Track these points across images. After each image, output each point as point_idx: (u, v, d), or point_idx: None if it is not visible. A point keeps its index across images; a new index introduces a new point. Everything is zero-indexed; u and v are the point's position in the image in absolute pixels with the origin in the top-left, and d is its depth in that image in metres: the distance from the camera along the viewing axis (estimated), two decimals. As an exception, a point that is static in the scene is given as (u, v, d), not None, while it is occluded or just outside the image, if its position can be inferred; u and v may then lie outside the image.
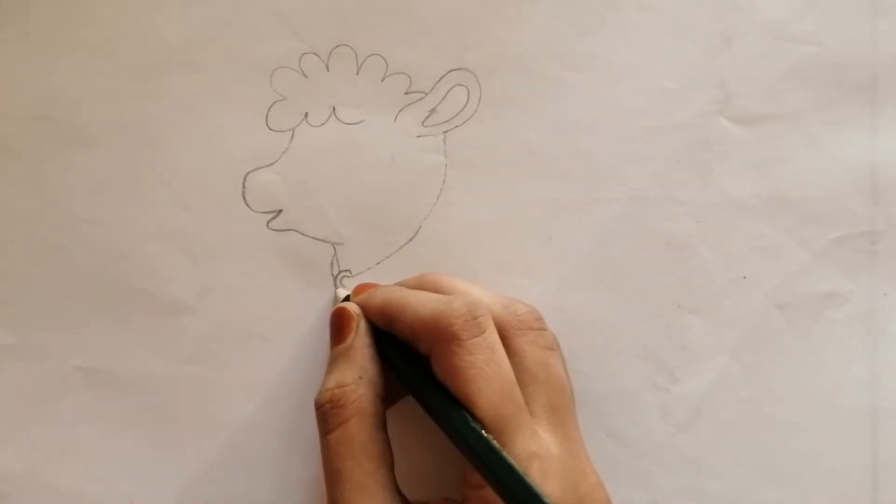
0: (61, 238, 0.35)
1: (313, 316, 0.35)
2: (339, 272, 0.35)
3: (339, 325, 0.32)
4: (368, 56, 0.35)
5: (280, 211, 0.35)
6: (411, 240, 0.35)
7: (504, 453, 0.27)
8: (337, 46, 0.35)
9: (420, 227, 0.36)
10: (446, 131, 0.36)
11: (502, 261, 0.36)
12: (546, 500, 0.26)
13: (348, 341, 0.32)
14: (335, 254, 0.35)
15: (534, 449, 0.28)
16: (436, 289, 0.32)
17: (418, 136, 0.36)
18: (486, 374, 0.29)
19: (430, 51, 0.35)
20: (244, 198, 0.35)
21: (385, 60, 0.35)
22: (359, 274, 0.35)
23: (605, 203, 0.36)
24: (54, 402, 0.35)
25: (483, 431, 0.28)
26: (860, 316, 0.36)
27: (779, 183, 0.36)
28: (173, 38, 0.35)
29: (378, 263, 0.35)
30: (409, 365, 0.31)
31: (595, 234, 0.36)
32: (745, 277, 0.36)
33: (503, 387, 0.29)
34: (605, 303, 0.36)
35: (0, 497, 0.35)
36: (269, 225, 0.35)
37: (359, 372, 0.31)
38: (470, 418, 0.28)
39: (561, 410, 0.30)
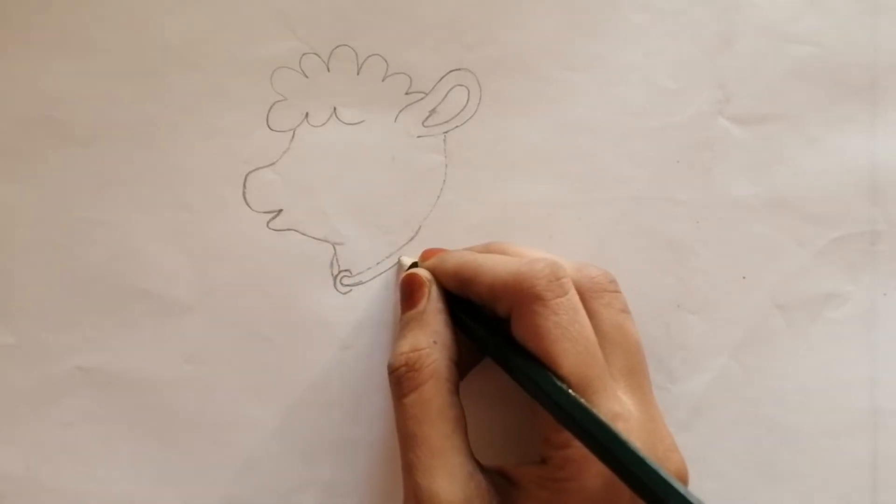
0: (61, 238, 0.35)
1: (313, 316, 0.35)
2: (339, 272, 0.35)
3: (410, 290, 0.32)
4: (369, 56, 0.35)
5: (280, 211, 0.35)
6: (411, 240, 0.36)
7: (595, 411, 0.27)
8: (337, 46, 0.35)
9: (420, 227, 0.36)
10: (446, 131, 0.36)
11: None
12: (641, 454, 0.26)
13: (420, 306, 0.32)
14: (335, 254, 0.35)
15: (617, 410, 0.29)
16: (506, 254, 0.32)
17: (418, 136, 0.36)
18: (570, 333, 0.29)
19: (430, 51, 0.35)
20: (244, 198, 0.35)
21: (385, 60, 0.35)
22: (359, 274, 0.35)
23: (605, 203, 0.36)
24: (54, 402, 0.35)
25: (570, 390, 0.28)
26: (860, 316, 0.36)
27: (779, 183, 0.36)
28: (173, 38, 0.35)
29: (378, 263, 0.35)
30: (486, 327, 0.31)
31: (595, 234, 0.36)
32: (744, 277, 0.36)
33: (587, 347, 0.29)
34: (605, 303, 0.36)
35: (0, 497, 0.35)
36: (269, 225, 0.35)
37: (433, 336, 0.31)
38: (555, 378, 0.28)
39: (637, 373, 0.31)
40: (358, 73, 0.35)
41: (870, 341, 0.36)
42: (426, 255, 0.34)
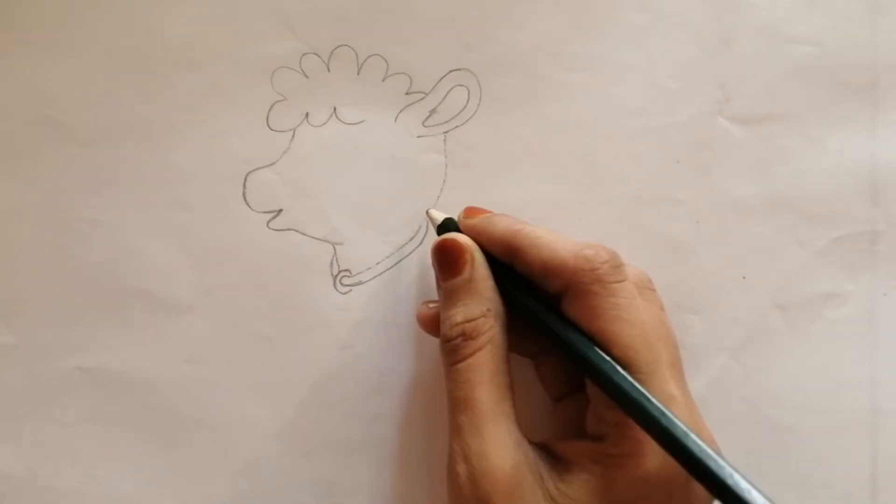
0: (61, 238, 0.35)
1: (313, 316, 0.35)
2: (339, 272, 0.35)
3: (451, 257, 0.31)
4: (369, 56, 0.35)
5: (280, 211, 0.35)
6: (411, 239, 0.35)
7: (652, 395, 0.28)
8: (337, 47, 0.35)
9: (420, 226, 0.36)
10: (446, 131, 0.36)
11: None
12: (695, 437, 0.26)
13: (466, 273, 0.31)
14: (335, 254, 0.35)
15: (671, 392, 0.29)
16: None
17: (418, 136, 0.36)
18: (628, 315, 0.29)
19: (430, 51, 0.35)
20: (244, 198, 0.35)
21: (385, 61, 0.35)
22: (359, 274, 0.35)
23: (605, 203, 0.36)
24: (54, 402, 0.35)
25: (626, 371, 0.28)
26: (860, 316, 0.36)
27: (779, 183, 0.36)
28: (173, 38, 0.35)
29: (378, 263, 0.35)
30: (539, 300, 0.31)
31: (595, 234, 0.36)
32: (744, 277, 0.36)
33: (644, 331, 0.29)
34: (605, 303, 0.36)
35: (0, 497, 0.35)
36: (269, 225, 0.35)
37: (486, 304, 0.31)
38: (611, 358, 0.28)
39: (678, 367, 0.31)
40: (358, 73, 0.35)
41: (870, 341, 0.36)
42: (469, 212, 0.33)
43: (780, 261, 0.36)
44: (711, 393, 0.36)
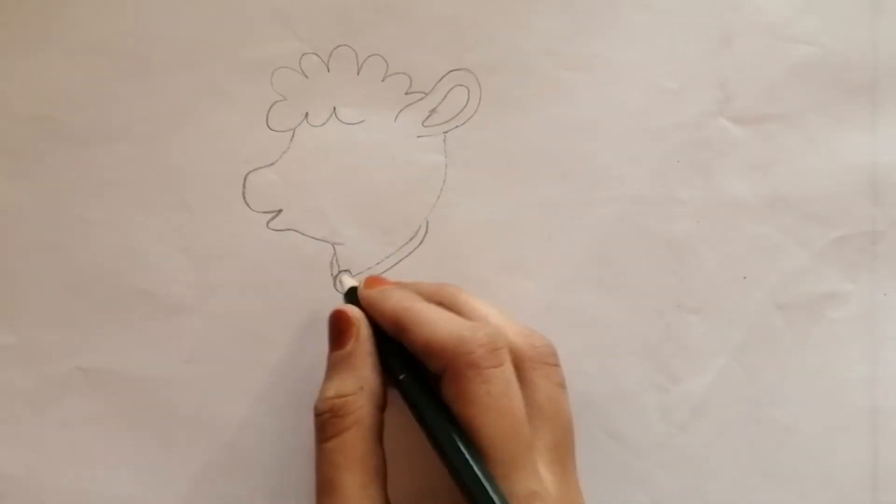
0: (61, 238, 0.35)
1: (313, 316, 0.35)
2: (339, 272, 0.35)
3: (339, 328, 0.32)
4: (369, 56, 0.35)
5: (280, 211, 0.35)
6: (411, 240, 0.36)
7: (496, 494, 0.27)
8: (337, 46, 0.35)
9: (420, 227, 0.36)
10: (446, 131, 0.36)
11: (502, 261, 0.36)
12: None
13: (348, 347, 0.31)
14: (335, 254, 0.35)
15: (534, 488, 0.28)
16: (454, 305, 0.32)
17: (418, 137, 0.36)
18: (499, 405, 0.28)
19: (430, 51, 0.35)
20: (244, 198, 0.35)
21: (385, 60, 0.35)
22: (359, 274, 0.35)
23: (605, 203, 0.36)
24: (54, 402, 0.35)
25: (480, 468, 0.28)
26: (860, 316, 0.36)
27: (779, 183, 0.36)
28: (173, 38, 0.35)
29: (378, 263, 0.35)
30: (413, 382, 0.30)
31: (595, 234, 0.36)
32: (745, 277, 0.36)
33: (513, 423, 0.28)
34: (605, 303, 0.36)
35: (0, 497, 0.35)
36: (269, 225, 0.35)
37: (360, 382, 0.30)
38: (468, 450, 0.28)
39: (563, 449, 0.30)
40: (358, 73, 0.35)
41: (870, 341, 0.36)
42: (369, 282, 0.33)
43: (780, 261, 0.36)
44: (712, 393, 0.36)
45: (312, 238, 0.35)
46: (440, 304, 0.32)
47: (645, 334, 0.36)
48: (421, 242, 0.35)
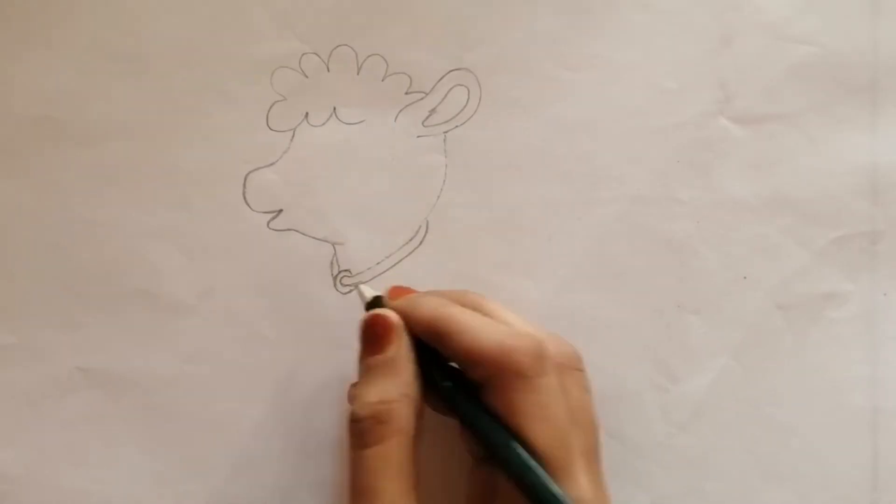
0: (61, 238, 0.35)
1: (313, 316, 0.35)
2: (339, 272, 0.35)
3: (378, 333, 0.30)
4: (369, 56, 0.35)
5: (280, 211, 0.35)
6: (411, 240, 0.36)
7: (562, 494, 0.27)
8: (337, 46, 0.35)
9: (420, 227, 0.36)
10: (446, 131, 0.36)
11: (502, 261, 0.36)
12: None
13: (390, 352, 0.30)
14: (335, 254, 0.35)
15: (577, 494, 0.28)
16: (481, 311, 0.31)
17: (418, 136, 0.36)
18: (547, 413, 0.28)
19: (430, 51, 0.35)
20: (244, 198, 0.35)
21: (385, 60, 0.35)
22: (358, 274, 0.35)
23: (605, 203, 0.36)
24: (54, 402, 0.35)
25: (544, 475, 0.28)
26: (860, 316, 0.36)
27: (779, 183, 0.36)
28: (173, 38, 0.35)
29: (378, 263, 0.35)
30: (460, 389, 0.30)
31: (595, 234, 0.36)
32: (745, 277, 0.36)
33: (560, 431, 0.29)
34: (605, 303, 0.36)
35: (0, 497, 0.35)
36: (269, 225, 0.35)
37: (403, 388, 0.30)
38: (531, 457, 0.28)
39: (593, 455, 0.30)
40: (358, 73, 0.35)
41: (870, 341, 0.36)
42: (395, 293, 0.32)
43: (780, 261, 0.36)
44: (712, 393, 0.36)
45: (312, 238, 0.35)
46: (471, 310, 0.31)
47: (645, 334, 0.36)
48: (421, 242, 0.35)
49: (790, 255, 0.36)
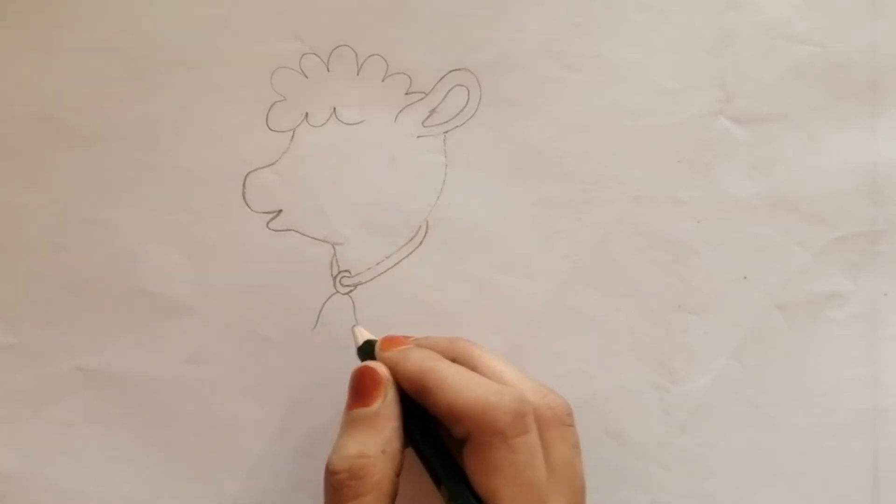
0: (61, 238, 0.35)
1: (313, 316, 0.35)
2: (339, 272, 0.35)
3: (365, 387, 0.30)
4: (369, 56, 0.35)
5: (280, 211, 0.35)
6: (411, 240, 0.35)
7: None
8: (337, 47, 0.35)
9: (420, 227, 0.36)
10: (446, 131, 0.36)
11: (502, 261, 0.36)
12: None
13: (374, 406, 0.30)
14: (335, 254, 0.35)
15: None
16: (468, 360, 0.31)
17: (418, 137, 0.36)
18: (523, 477, 0.28)
19: (430, 51, 0.35)
20: (244, 198, 0.35)
21: (385, 61, 0.35)
22: (358, 274, 0.35)
23: (605, 203, 0.36)
24: (54, 402, 0.35)
25: None
26: (860, 316, 0.36)
27: (779, 183, 0.36)
28: (173, 38, 0.35)
29: (378, 263, 0.35)
30: (434, 447, 0.30)
31: (595, 234, 0.36)
32: (745, 277, 0.36)
33: (537, 493, 0.28)
34: (605, 303, 0.36)
35: (0, 497, 0.35)
36: (269, 225, 0.35)
37: (383, 445, 0.29)
38: None
39: None
40: (358, 73, 0.35)
41: (870, 341, 0.36)
42: (386, 343, 0.32)
43: (780, 261, 0.36)
44: (712, 393, 0.36)
45: (312, 238, 0.35)
46: (454, 359, 0.31)
47: (645, 334, 0.36)
48: (421, 242, 0.35)
49: (790, 255, 0.36)
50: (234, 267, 0.35)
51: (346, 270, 0.35)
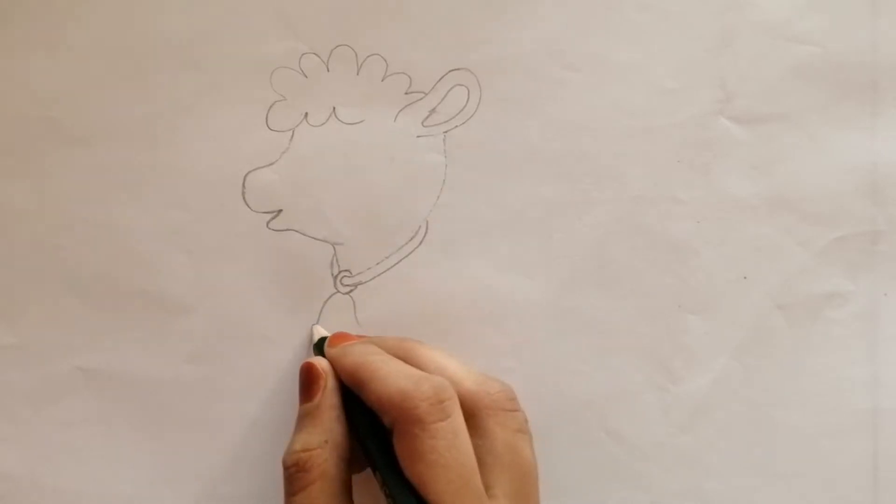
0: (61, 238, 0.35)
1: (314, 316, 0.35)
2: (339, 272, 0.35)
3: (307, 381, 0.32)
4: (368, 56, 0.35)
5: (280, 211, 0.35)
6: (411, 240, 0.36)
7: None
8: (337, 46, 0.35)
9: (420, 227, 0.36)
10: (446, 131, 0.36)
11: (502, 261, 0.36)
12: None
13: (315, 400, 0.31)
14: (335, 254, 0.35)
15: None
16: (409, 358, 0.32)
17: (418, 136, 0.36)
18: (445, 460, 0.28)
19: (430, 51, 0.35)
20: (244, 198, 0.35)
21: (385, 60, 0.35)
22: (358, 274, 0.35)
23: (605, 203, 0.36)
24: (54, 402, 0.35)
25: None
26: (860, 316, 0.36)
27: (779, 183, 0.36)
28: (173, 38, 0.35)
29: (378, 263, 0.35)
30: (371, 437, 0.31)
31: (595, 234, 0.36)
32: (745, 277, 0.36)
33: (462, 474, 0.28)
34: (605, 303, 0.36)
35: (0, 497, 0.35)
36: (269, 225, 0.35)
37: (325, 435, 0.31)
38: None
39: (524, 496, 0.30)
40: (358, 73, 0.35)
41: (871, 341, 0.36)
42: (335, 339, 0.33)
43: (780, 261, 0.36)
44: (712, 393, 0.36)
45: (312, 238, 0.35)
46: (400, 357, 0.32)
47: (645, 334, 0.36)
48: (421, 242, 0.36)
49: (790, 255, 0.36)
50: (234, 267, 0.35)
51: (346, 270, 0.35)
